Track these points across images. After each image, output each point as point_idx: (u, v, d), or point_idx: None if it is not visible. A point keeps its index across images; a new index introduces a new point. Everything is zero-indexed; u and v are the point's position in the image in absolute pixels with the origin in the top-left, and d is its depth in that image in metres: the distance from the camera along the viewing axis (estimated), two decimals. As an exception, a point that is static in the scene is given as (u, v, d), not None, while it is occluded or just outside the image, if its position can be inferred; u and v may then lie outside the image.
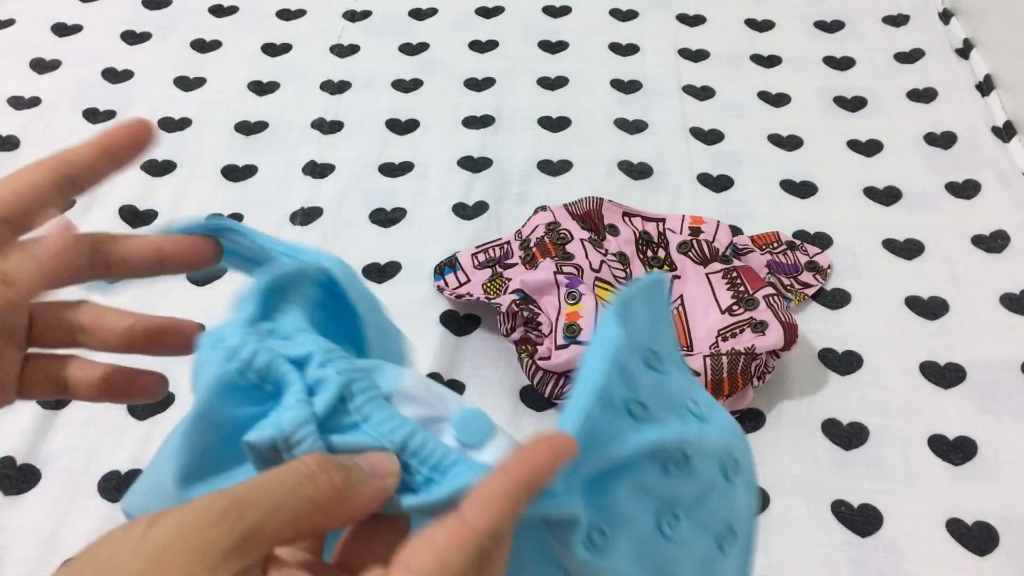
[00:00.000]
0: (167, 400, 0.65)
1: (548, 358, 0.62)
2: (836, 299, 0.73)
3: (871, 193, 0.81)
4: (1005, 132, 0.85)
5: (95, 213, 0.80)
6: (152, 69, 0.95)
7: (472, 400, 0.66)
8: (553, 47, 0.99)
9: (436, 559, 0.25)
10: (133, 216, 0.80)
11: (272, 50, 0.98)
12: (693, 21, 1.02)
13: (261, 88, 0.94)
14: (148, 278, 0.36)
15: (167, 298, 0.73)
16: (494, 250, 0.73)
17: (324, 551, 0.29)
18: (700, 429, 0.32)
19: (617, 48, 0.98)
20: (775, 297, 0.66)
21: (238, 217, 0.80)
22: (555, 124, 0.89)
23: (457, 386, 0.67)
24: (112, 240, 0.34)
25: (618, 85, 0.93)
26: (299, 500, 0.25)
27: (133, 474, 0.62)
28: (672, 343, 0.34)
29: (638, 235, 0.73)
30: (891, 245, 0.77)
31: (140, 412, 0.65)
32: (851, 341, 0.69)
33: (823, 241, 0.77)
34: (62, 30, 1.01)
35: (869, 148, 0.86)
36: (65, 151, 0.33)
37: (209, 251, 0.36)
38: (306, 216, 0.80)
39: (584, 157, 0.85)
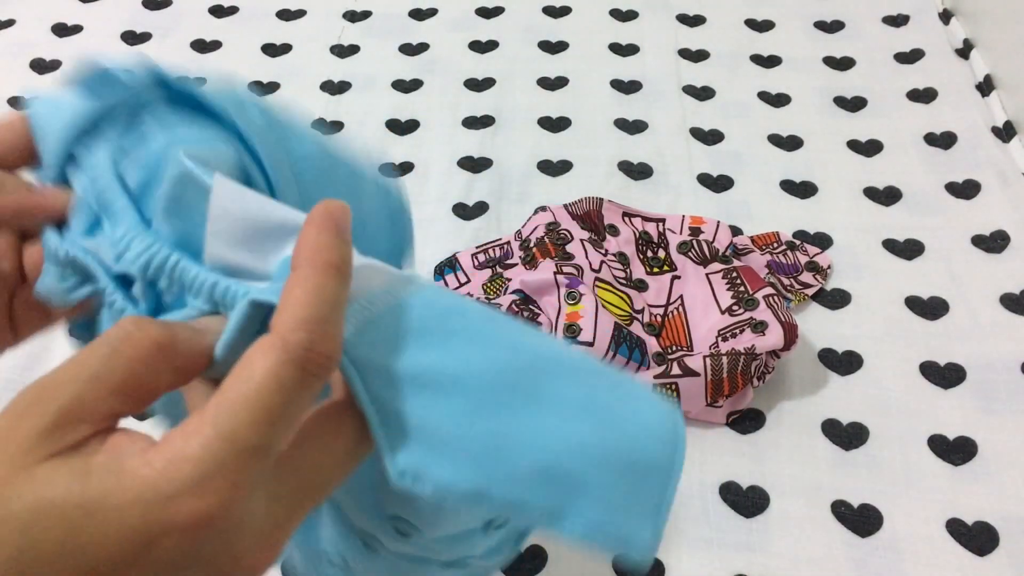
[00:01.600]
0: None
1: (548, 358, 0.62)
2: (836, 299, 0.73)
3: (871, 193, 0.81)
4: (1005, 132, 0.85)
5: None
6: (152, 69, 0.95)
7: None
8: (553, 47, 0.99)
9: (244, 373, 0.24)
10: (133, 216, 0.80)
11: (272, 50, 0.98)
12: (693, 21, 1.02)
13: (261, 88, 0.94)
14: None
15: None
16: (494, 250, 0.73)
17: None
18: None
19: (617, 48, 0.98)
20: (775, 297, 0.66)
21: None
22: (555, 124, 0.89)
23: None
24: None
25: (618, 85, 0.93)
26: (119, 363, 0.24)
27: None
28: None
29: (638, 235, 0.73)
30: (891, 245, 0.77)
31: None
32: (851, 341, 0.69)
33: (823, 241, 0.77)
34: (62, 30, 1.01)
35: (869, 148, 0.86)
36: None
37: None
38: (306, 216, 0.80)
39: (584, 157, 0.85)
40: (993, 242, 0.76)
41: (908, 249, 0.76)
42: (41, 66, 0.96)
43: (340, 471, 0.26)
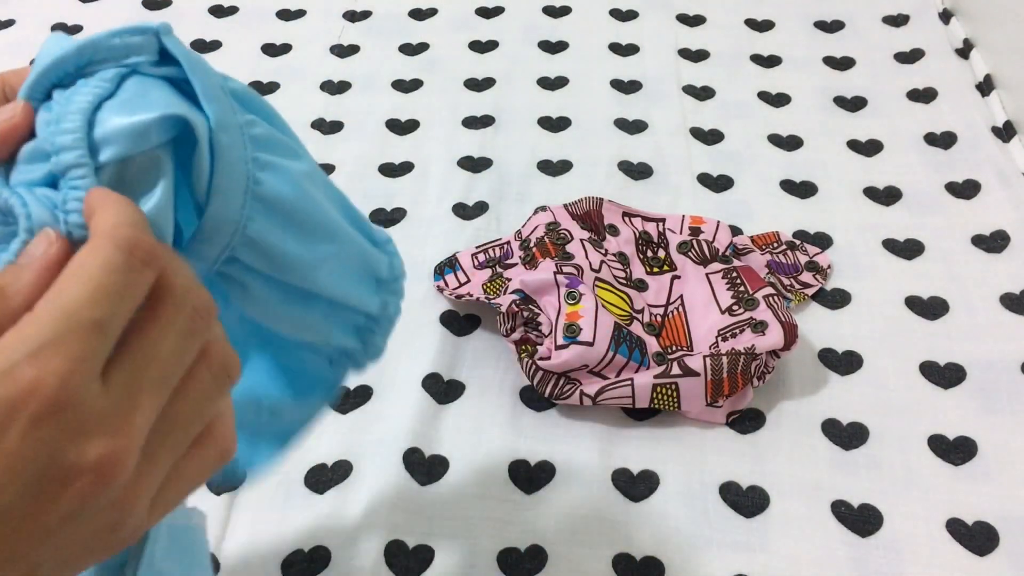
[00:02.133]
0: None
1: (548, 358, 0.62)
2: (836, 299, 0.73)
3: (871, 193, 0.81)
4: (1005, 132, 0.85)
5: (95, 213, 0.80)
6: (152, 69, 0.95)
7: (472, 400, 0.66)
8: (553, 47, 0.99)
9: (75, 262, 0.25)
10: (133, 216, 0.80)
11: (272, 50, 0.98)
12: (693, 21, 1.02)
13: (261, 88, 0.94)
14: None
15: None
16: (494, 250, 0.73)
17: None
18: None
19: (617, 48, 0.98)
20: (775, 297, 0.66)
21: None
22: (555, 124, 0.89)
23: (457, 386, 0.67)
24: None
25: (618, 85, 0.93)
26: (128, 293, 0.25)
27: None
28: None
29: (638, 235, 0.73)
30: (891, 245, 0.77)
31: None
32: (851, 341, 0.69)
33: (823, 241, 0.77)
34: (62, 30, 1.01)
35: (869, 148, 0.86)
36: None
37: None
38: (306, 216, 0.80)
39: (584, 157, 0.85)
40: (993, 242, 0.76)
41: (908, 249, 0.76)
42: (41, 66, 0.96)
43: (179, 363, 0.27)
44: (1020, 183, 0.80)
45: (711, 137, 0.87)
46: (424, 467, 0.61)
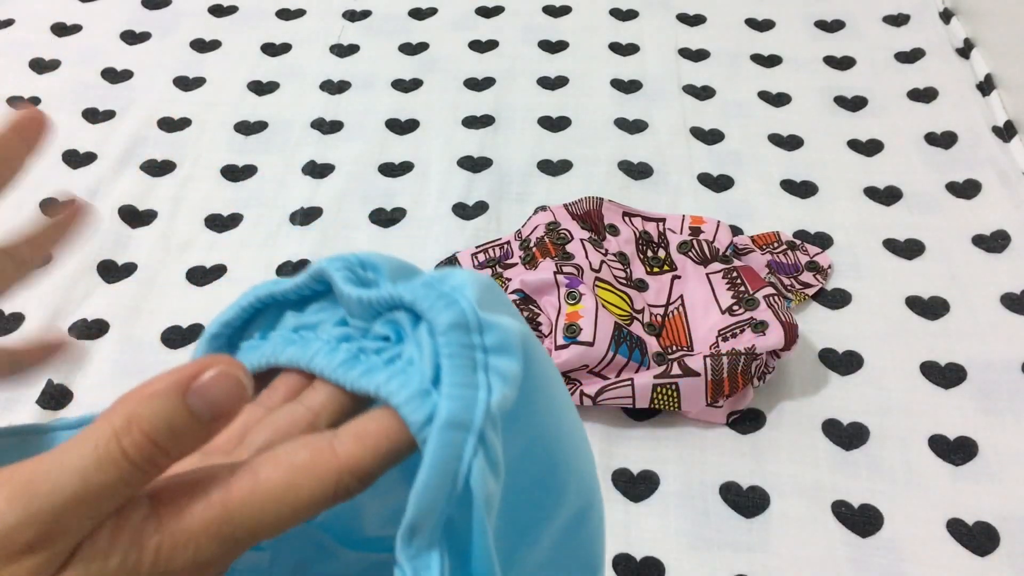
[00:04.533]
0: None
1: (548, 358, 0.62)
2: (836, 299, 0.73)
3: (871, 193, 0.81)
4: (1006, 132, 0.85)
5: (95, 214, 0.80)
6: (152, 69, 0.95)
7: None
8: (553, 47, 0.99)
9: (289, 477, 0.22)
10: (133, 216, 0.80)
11: (272, 50, 0.98)
12: (693, 21, 1.01)
13: (261, 88, 0.93)
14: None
15: (166, 299, 0.73)
16: (494, 250, 0.73)
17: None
18: None
19: (617, 48, 0.98)
20: (775, 297, 0.66)
21: (238, 217, 0.80)
22: (555, 124, 0.89)
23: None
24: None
25: (618, 85, 0.93)
26: (117, 493, 0.21)
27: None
28: None
29: (638, 235, 0.73)
30: (891, 245, 0.77)
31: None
32: (851, 341, 0.69)
33: (823, 241, 0.77)
34: (61, 30, 1.01)
35: (869, 148, 0.86)
36: None
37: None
38: (306, 216, 0.80)
39: (584, 157, 0.85)
40: (994, 242, 0.76)
41: (908, 249, 0.76)
42: (40, 65, 0.96)
43: None
44: (1020, 183, 0.80)
45: (711, 137, 0.87)
46: (424, 467, 0.61)
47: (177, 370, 0.22)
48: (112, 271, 0.75)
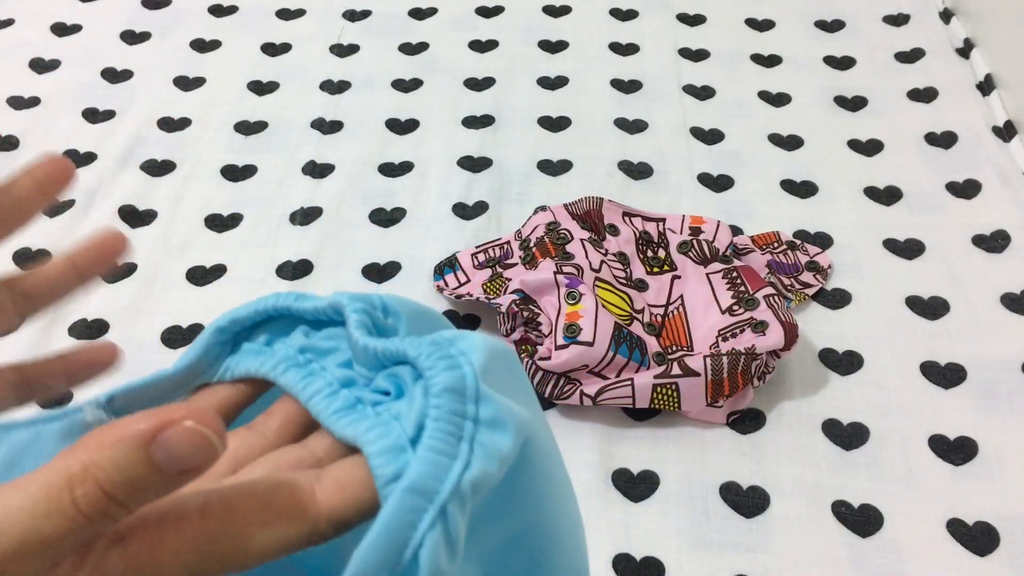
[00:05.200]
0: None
1: (548, 358, 0.62)
2: (836, 299, 0.73)
3: (871, 193, 0.81)
4: (1006, 132, 0.85)
5: (94, 214, 0.80)
6: (152, 69, 0.95)
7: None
8: (553, 47, 0.99)
9: (264, 515, 0.22)
10: (133, 216, 0.80)
11: (272, 50, 0.98)
12: (693, 21, 1.01)
13: (261, 88, 0.93)
14: (67, 296, 0.33)
15: (166, 299, 0.73)
16: (494, 250, 0.73)
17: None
18: None
19: (617, 48, 0.98)
20: (775, 297, 0.66)
21: (238, 217, 0.80)
22: (555, 124, 0.89)
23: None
24: (20, 275, 0.31)
25: (618, 85, 0.93)
26: (66, 543, 0.20)
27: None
28: None
29: (638, 235, 0.73)
30: (891, 245, 0.77)
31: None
32: (851, 341, 0.69)
33: (823, 241, 0.77)
34: (61, 30, 1.01)
35: (869, 148, 0.86)
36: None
37: (119, 242, 0.33)
38: (306, 216, 0.80)
39: (584, 157, 0.85)
40: (994, 242, 0.76)
41: (908, 249, 0.76)
42: (40, 65, 0.96)
43: None
44: (1020, 183, 0.80)
45: (711, 137, 0.87)
46: (424, 467, 0.61)
47: (145, 416, 0.20)
48: (112, 271, 0.75)
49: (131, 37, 1.00)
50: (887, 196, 0.81)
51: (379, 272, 0.75)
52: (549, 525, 0.28)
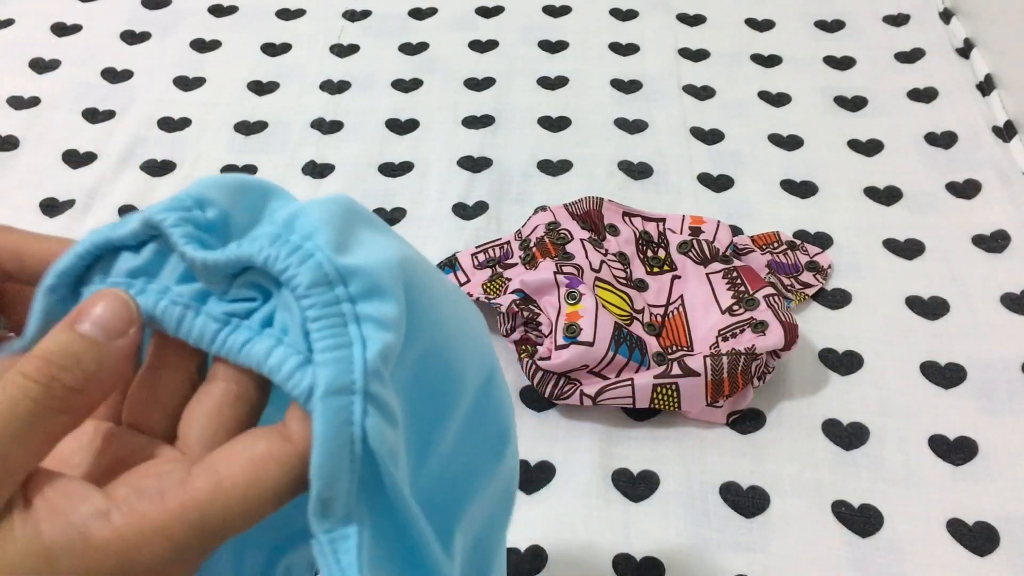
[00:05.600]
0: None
1: (548, 358, 0.62)
2: (836, 299, 0.73)
3: (871, 193, 0.81)
4: (1006, 132, 0.85)
5: (94, 214, 0.80)
6: (152, 69, 0.95)
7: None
8: (553, 47, 0.99)
9: (250, 471, 0.23)
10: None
11: (272, 50, 0.98)
12: (693, 21, 1.01)
13: (261, 88, 0.93)
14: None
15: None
16: (494, 250, 0.73)
17: None
18: None
19: (617, 48, 0.98)
20: (775, 297, 0.66)
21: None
22: (555, 124, 0.89)
23: (457, 386, 0.67)
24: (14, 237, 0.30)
25: (618, 85, 0.93)
26: (38, 424, 0.22)
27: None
28: None
29: (638, 235, 0.73)
30: (891, 245, 0.77)
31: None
32: (851, 341, 0.69)
33: (823, 241, 0.77)
34: (62, 30, 1.01)
35: (869, 148, 0.86)
36: None
37: None
38: (306, 216, 0.80)
39: (584, 157, 0.85)
40: (994, 242, 0.76)
41: (908, 249, 0.76)
42: (40, 65, 0.96)
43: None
44: (1021, 183, 0.80)
45: (711, 137, 0.87)
46: (424, 467, 0.61)
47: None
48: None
49: (131, 37, 1.00)
50: (887, 196, 0.81)
51: (379, 272, 0.75)
52: (448, 322, 0.29)
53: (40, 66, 0.96)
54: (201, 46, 0.99)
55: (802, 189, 0.82)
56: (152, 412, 0.26)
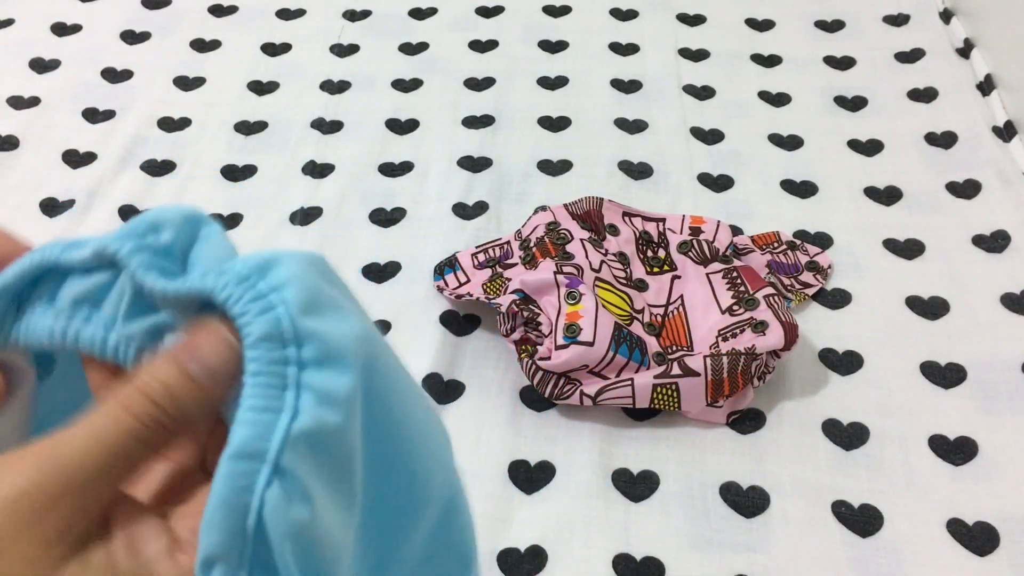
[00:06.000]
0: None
1: (548, 358, 0.62)
2: (836, 299, 0.73)
3: (871, 193, 0.81)
4: (1006, 132, 0.85)
5: (94, 214, 0.80)
6: (152, 69, 0.95)
7: (472, 400, 0.66)
8: (553, 47, 0.99)
9: None
10: (133, 216, 0.80)
11: (272, 50, 0.98)
12: (693, 21, 1.01)
13: (261, 88, 0.93)
14: None
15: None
16: (494, 250, 0.73)
17: None
18: None
19: (617, 48, 0.98)
20: (775, 297, 0.66)
21: (238, 217, 0.80)
22: (555, 124, 0.89)
23: (457, 386, 0.67)
24: None
25: (618, 85, 0.93)
26: (127, 457, 0.23)
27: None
28: None
29: (638, 235, 0.73)
30: (891, 245, 0.77)
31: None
32: (851, 341, 0.69)
33: (823, 241, 0.77)
34: (62, 30, 1.01)
35: (869, 148, 0.86)
36: None
37: None
38: (306, 216, 0.80)
39: (584, 157, 0.85)
40: (994, 242, 0.76)
41: (908, 249, 0.76)
42: (40, 65, 0.96)
43: None
44: (1020, 183, 0.80)
45: (711, 137, 0.87)
46: (424, 467, 0.61)
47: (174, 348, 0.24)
48: None
49: (131, 37, 1.00)
50: (887, 196, 0.81)
51: (379, 272, 0.75)
52: (410, 426, 0.28)
53: (40, 66, 0.96)
54: (201, 46, 0.99)
55: (802, 189, 0.82)
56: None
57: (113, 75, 0.95)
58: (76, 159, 0.85)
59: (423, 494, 0.29)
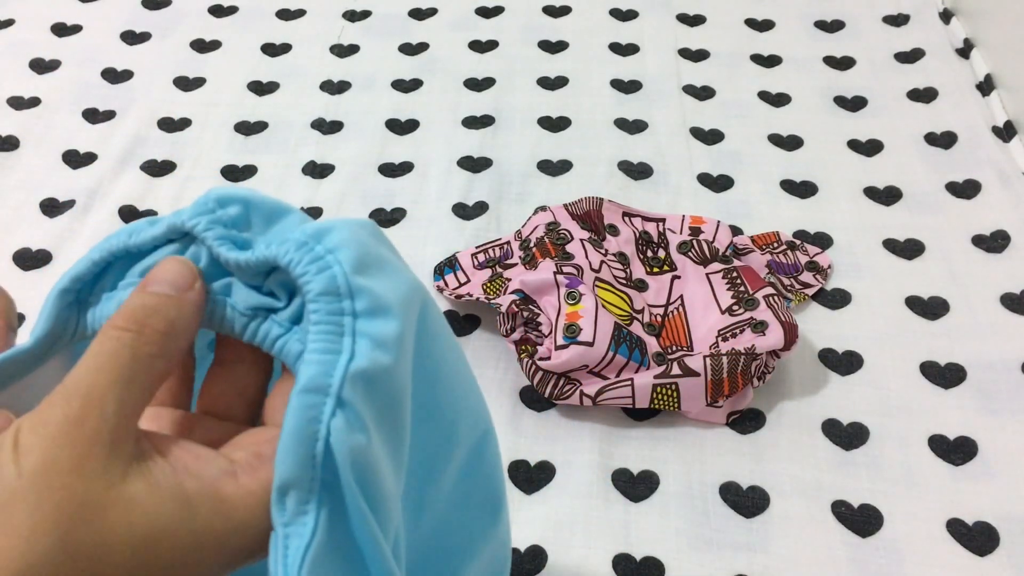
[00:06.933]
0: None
1: (548, 358, 0.62)
2: (836, 299, 0.73)
3: (871, 193, 0.81)
4: (1005, 132, 0.85)
5: (94, 214, 0.80)
6: (152, 69, 0.95)
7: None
8: (553, 47, 0.99)
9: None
10: (133, 216, 0.80)
11: (272, 50, 0.98)
12: (693, 21, 1.01)
13: (261, 88, 0.93)
14: None
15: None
16: (494, 250, 0.73)
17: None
18: None
19: (617, 48, 0.98)
20: (775, 297, 0.66)
21: (238, 217, 0.80)
22: (555, 124, 0.89)
23: (457, 386, 0.67)
24: None
25: (618, 85, 0.93)
26: (140, 367, 0.25)
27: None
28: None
29: (638, 235, 0.73)
30: (891, 245, 0.77)
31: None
32: (851, 341, 0.69)
33: (823, 241, 0.77)
34: (62, 30, 1.01)
35: (869, 148, 0.86)
36: None
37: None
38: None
39: (584, 157, 0.85)
40: (993, 242, 0.76)
41: (908, 249, 0.76)
42: (40, 66, 0.96)
43: None
44: (1020, 183, 0.80)
45: (711, 137, 0.87)
46: (424, 467, 0.61)
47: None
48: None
49: (131, 37, 1.00)
50: (887, 196, 0.81)
51: (379, 272, 0.75)
52: (449, 367, 0.31)
53: (40, 66, 0.96)
54: (201, 46, 0.99)
55: (802, 189, 0.82)
56: (234, 401, 0.29)
57: (113, 75, 0.95)
58: (76, 159, 0.85)
59: (453, 437, 0.31)
